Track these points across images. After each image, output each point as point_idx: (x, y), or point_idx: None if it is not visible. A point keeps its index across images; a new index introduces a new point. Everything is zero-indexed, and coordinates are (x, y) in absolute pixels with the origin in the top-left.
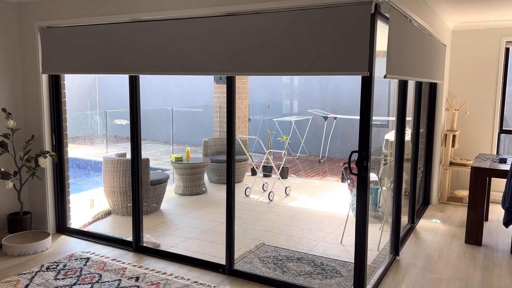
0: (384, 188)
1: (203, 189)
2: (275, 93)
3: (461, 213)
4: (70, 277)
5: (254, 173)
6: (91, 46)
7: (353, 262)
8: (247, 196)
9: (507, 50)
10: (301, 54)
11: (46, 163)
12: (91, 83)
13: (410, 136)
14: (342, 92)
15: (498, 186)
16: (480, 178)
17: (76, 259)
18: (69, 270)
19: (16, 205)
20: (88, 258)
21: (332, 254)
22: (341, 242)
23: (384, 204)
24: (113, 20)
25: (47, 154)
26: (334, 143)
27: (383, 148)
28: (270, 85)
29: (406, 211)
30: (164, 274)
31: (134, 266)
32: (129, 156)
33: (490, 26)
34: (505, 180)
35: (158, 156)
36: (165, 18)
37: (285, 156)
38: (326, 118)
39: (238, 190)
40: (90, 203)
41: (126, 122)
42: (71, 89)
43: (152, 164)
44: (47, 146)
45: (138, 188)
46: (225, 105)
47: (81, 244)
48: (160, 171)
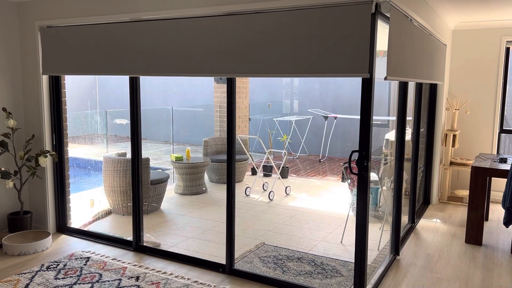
0: (384, 187)
1: (203, 188)
2: (276, 92)
3: (461, 212)
4: (71, 276)
5: (254, 172)
6: (91, 46)
7: (353, 261)
8: (247, 195)
9: (508, 49)
10: (301, 55)
11: (47, 163)
12: (92, 83)
13: (410, 135)
14: (342, 91)
15: (498, 186)
16: (480, 178)
17: (76, 259)
18: (69, 269)
19: (16, 204)
20: (88, 258)
21: (332, 254)
22: (341, 242)
23: (384, 203)
24: (113, 19)
25: (48, 154)
26: (334, 143)
27: (384, 147)
28: (271, 84)
29: (407, 211)
30: (164, 273)
31: (134, 265)
32: (129, 155)
33: (491, 25)
34: (505, 179)
35: (158, 155)
36: (165, 18)
37: (285, 155)
38: (326, 117)
39: (238, 189)
40: (90, 203)
41: (126, 121)
42: (71, 88)
43: (152, 163)
44: (48, 146)
45: (138, 187)
46: (225, 104)
47: (81, 243)
48: (160, 171)
